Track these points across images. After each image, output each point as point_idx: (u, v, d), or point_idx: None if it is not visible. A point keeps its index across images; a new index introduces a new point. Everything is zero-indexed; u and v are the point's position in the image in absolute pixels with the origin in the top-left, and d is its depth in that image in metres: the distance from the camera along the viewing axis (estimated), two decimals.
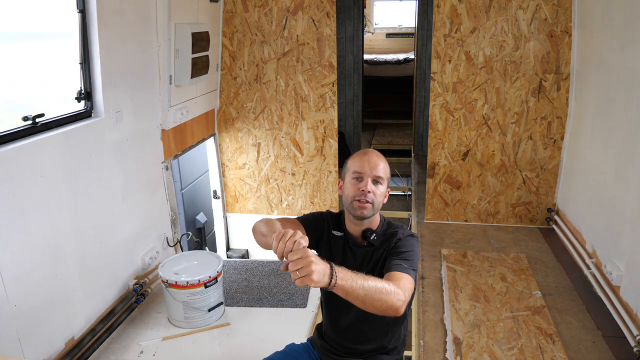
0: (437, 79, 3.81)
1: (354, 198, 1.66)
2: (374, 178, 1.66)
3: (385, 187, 1.70)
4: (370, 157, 1.69)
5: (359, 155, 1.71)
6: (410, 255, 1.63)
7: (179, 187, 3.84)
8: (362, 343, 1.78)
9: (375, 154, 1.71)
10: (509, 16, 3.60)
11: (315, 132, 4.10)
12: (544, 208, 3.94)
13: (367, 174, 1.66)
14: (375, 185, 1.67)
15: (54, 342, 2.26)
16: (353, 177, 1.68)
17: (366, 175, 1.66)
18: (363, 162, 1.67)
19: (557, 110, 3.72)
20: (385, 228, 1.77)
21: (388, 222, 1.80)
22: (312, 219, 1.85)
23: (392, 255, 1.63)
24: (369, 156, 1.69)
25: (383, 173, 1.68)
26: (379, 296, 1.40)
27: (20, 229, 2.06)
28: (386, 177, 1.70)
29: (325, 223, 1.83)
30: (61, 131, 2.28)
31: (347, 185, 1.69)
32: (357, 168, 1.67)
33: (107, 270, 2.64)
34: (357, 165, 1.68)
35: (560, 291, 3.04)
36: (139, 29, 2.83)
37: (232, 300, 2.89)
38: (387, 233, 1.74)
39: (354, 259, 1.74)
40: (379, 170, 1.67)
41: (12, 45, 2.35)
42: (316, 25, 3.86)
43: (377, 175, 1.66)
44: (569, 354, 2.46)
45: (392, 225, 1.78)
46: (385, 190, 1.70)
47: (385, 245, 1.70)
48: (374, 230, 1.72)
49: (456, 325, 2.71)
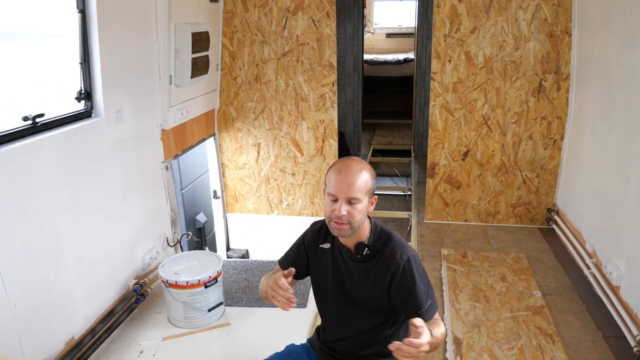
0: (437, 79, 3.81)
1: (330, 219, 1.59)
2: (348, 199, 1.55)
3: (365, 202, 1.58)
4: (344, 176, 1.55)
5: (334, 173, 1.58)
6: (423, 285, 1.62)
7: (179, 187, 3.84)
8: (362, 348, 1.78)
9: (350, 171, 1.56)
10: (509, 16, 3.60)
11: (315, 132, 4.11)
12: (544, 208, 3.94)
13: (341, 196, 1.55)
14: (352, 205, 1.55)
15: (54, 342, 2.26)
16: (328, 197, 1.58)
17: (340, 198, 1.55)
18: (337, 183, 1.55)
19: (557, 110, 3.72)
20: (377, 237, 1.68)
21: (380, 230, 1.70)
22: (293, 251, 1.84)
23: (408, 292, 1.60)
24: (342, 175, 1.56)
25: (359, 192, 1.55)
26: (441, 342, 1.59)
27: (20, 229, 2.06)
28: (365, 192, 1.57)
29: (309, 243, 1.79)
30: (61, 131, 2.28)
31: (325, 203, 1.61)
32: (331, 189, 1.56)
33: (107, 270, 2.64)
34: (331, 186, 1.57)
35: (560, 291, 3.04)
36: (139, 29, 2.83)
37: (232, 300, 2.89)
38: (382, 246, 1.66)
39: (349, 272, 1.70)
40: (354, 191, 1.54)
41: (12, 45, 2.34)
42: (316, 25, 3.86)
43: (352, 197, 1.54)
44: (569, 354, 2.46)
45: (384, 235, 1.69)
46: (366, 205, 1.59)
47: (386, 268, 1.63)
48: (366, 243, 1.66)
49: (456, 325, 2.71)
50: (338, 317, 1.79)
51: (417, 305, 1.60)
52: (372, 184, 1.61)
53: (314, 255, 1.79)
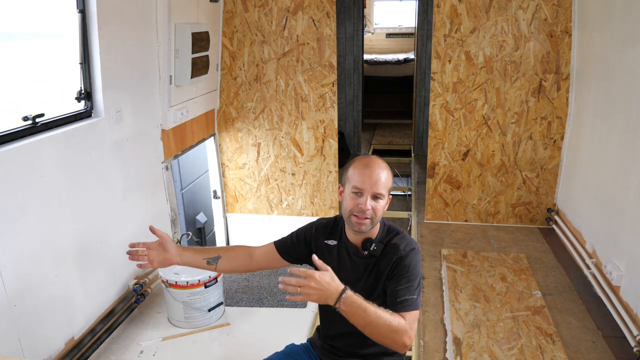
0: (437, 79, 3.81)
1: (352, 213, 1.62)
2: (374, 195, 1.60)
3: (385, 200, 1.64)
4: (372, 171, 1.60)
5: (360, 168, 1.62)
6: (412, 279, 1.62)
7: (179, 187, 3.84)
8: (363, 347, 1.78)
9: (377, 167, 1.62)
10: (509, 16, 3.60)
11: (315, 132, 4.11)
12: (544, 208, 3.94)
13: (367, 190, 1.59)
14: (376, 201, 1.60)
15: (54, 342, 2.26)
16: (352, 190, 1.61)
17: (366, 192, 1.59)
18: (364, 178, 1.59)
19: (557, 110, 3.72)
20: (385, 234, 1.72)
21: (388, 228, 1.75)
22: (293, 237, 1.85)
23: (396, 281, 1.61)
24: (370, 170, 1.60)
25: (384, 188, 1.61)
26: (384, 332, 1.48)
27: (20, 229, 2.06)
28: (387, 190, 1.63)
29: (314, 235, 1.81)
30: (61, 131, 2.28)
31: (347, 197, 1.64)
32: (357, 183, 1.60)
33: (107, 270, 2.64)
34: (357, 180, 1.60)
35: (560, 291, 3.04)
36: (139, 29, 2.83)
37: (232, 300, 2.89)
38: (388, 242, 1.70)
39: (355, 268, 1.71)
40: (380, 187, 1.59)
41: (12, 45, 2.34)
42: (316, 25, 3.86)
43: (378, 192, 1.59)
44: (569, 354, 2.47)
45: (392, 231, 1.73)
46: (385, 203, 1.64)
47: (388, 259, 1.66)
48: (374, 239, 1.68)
49: (456, 325, 2.71)
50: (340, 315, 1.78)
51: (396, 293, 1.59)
52: (392, 182, 1.67)
53: (318, 250, 1.79)
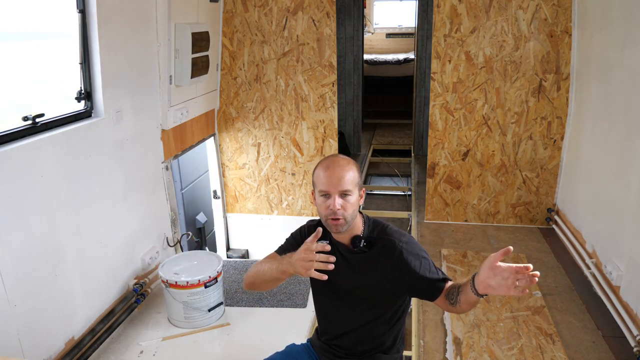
0: (437, 79, 3.81)
1: (327, 217, 1.62)
2: (340, 193, 1.59)
3: (355, 195, 1.63)
4: (332, 171, 1.60)
5: (322, 170, 1.62)
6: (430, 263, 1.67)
7: (179, 187, 3.84)
8: (360, 344, 1.78)
9: (338, 166, 1.61)
10: (509, 16, 3.60)
11: (315, 132, 4.11)
12: (544, 208, 3.94)
13: (333, 190, 1.59)
14: (344, 199, 1.60)
15: (54, 342, 2.26)
16: (320, 194, 1.62)
17: (332, 192, 1.59)
18: (327, 179, 1.60)
19: (557, 110, 3.72)
20: (372, 229, 1.72)
21: (373, 222, 1.74)
22: (291, 242, 1.85)
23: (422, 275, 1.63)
24: (331, 170, 1.60)
25: (350, 184, 1.60)
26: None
27: (20, 229, 2.06)
28: (355, 184, 1.62)
29: (305, 237, 1.79)
30: (61, 131, 2.28)
31: (318, 202, 1.64)
32: (322, 186, 1.60)
33: (107, 270, 2.64)
34: (322, 183, 1.61)
35: (560, 291, 3.04)
36: (139, 29, 2.83)
37: (232, 300, 2.89)
38: (379, 236, 1.69)
39: (349, 265, 1.72)
40: (344, 184, 1.59)
41: (12, 45, 2.35)
42: (316, 25, 3.86)
43: (343, 190, 1.59)
44: (569, 354, 2.47)
45: (378, 225, 1.73)
46: (357, 197, 1.64)
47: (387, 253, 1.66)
48: (361, 236, 1.69)
49: (456, 325, 2.71)
50: (336, 313, 1.80)
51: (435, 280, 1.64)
52: (360, 177, 1.67)
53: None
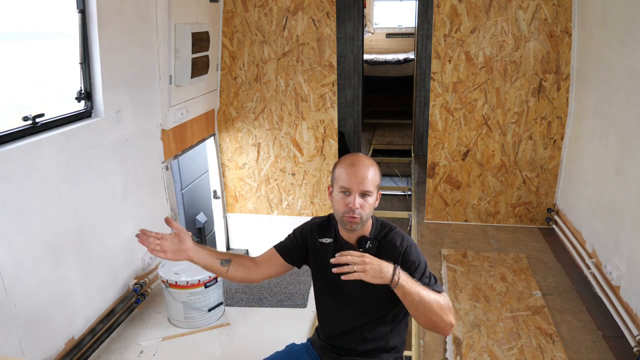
0: (437, 79, 3.81)
1: (344, 214, 1.63)
2: (361, 192, 1.61)
3: (374, 196, 1.65)
4: (357, 169, 1.61)
5: (346, 167, 1.63)
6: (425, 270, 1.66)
7: (179, 187, 3.84)
8: (362, 343, 1.78)
9: (362, 165, 1.62)
10: (509, 16, 3.60)
11: (315, 132, 4.11)
12: (544, 208, 3.94)
13: (355, 189, 1.60)
14: (364, 199, 1.61)
15: (54, 342, 2.26)
16: (340, 190, 1.63)
17: (354, 191, 1.60)
18: (350, 177, 1.60)
19: (557, 110, 3.72)
20: (379, 230, 1.73)
21: (381, 223, 1.75)
22: (291, 238, 1.87)
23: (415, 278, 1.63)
24: (356, 169, 1.61)
25: (371, 185, 1.61)
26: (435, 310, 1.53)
27: (20, 229, 2.06)
28: (375, 186, 1.64)
29: (309, 234, 1.82)
30: (61, 131, 2.28)
31: (336, 198, 1.65)
32: (344, 183, 1.61)
33: (107, 270, 2.64)
34: (344, 180, 1.62)
35: (560, 291, 3.04)
36: (139, 29, 2.83)
37: (232, 300, 2.89)
38: (383, 237, 1.71)
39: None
40: (367, 184, 1.60)
41: (12, 45, 2.35)
42: (316, 25, 3.86)
43: (365, 190, 1.60)
44: (569, 354, 2.47)
45: (385, 227, 1.74)
46: (374, 199, 1.65)
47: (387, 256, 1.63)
48: (368, 236, 1.70)
49: (456, 325, 2.70)
50: (338, 313, 1.80)
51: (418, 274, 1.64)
52: (380, 179, 1.67)
53: (314, 249, 1.80)
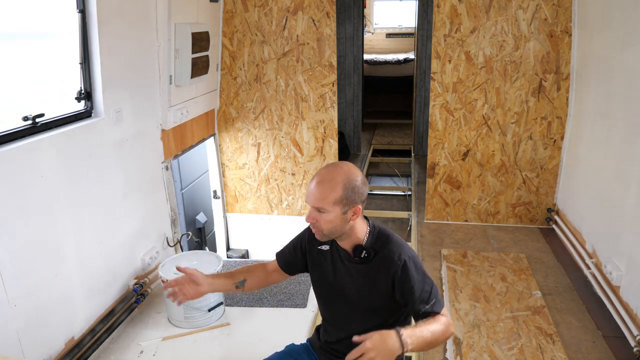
0: (437, 79, 3.81)
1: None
2: (314, 208, 1.60)
3: (334, 213, 1.57)
4: (314, 184, 1.59)
5: (310, 181, 1.63)
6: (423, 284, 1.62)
7: (179, 187, 3.84)
8: None
9: (320, 181, 1.58)
10: (509, 16, 3.60)
11: (315, 132, 4.11)
12: (544, 208, 3.94)
13: (310, 203, 1.61)
14: (320, 213, 1.59)
15: (54, 342, 2.26)
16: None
17: (309, 204, 1.61)
18: (307, 191, 1.62)
19: (557, 110, 3.72)
20: (375, 240, 1.68)
21: (378, 232, 1.70)
22: (290, 247, 1.88)
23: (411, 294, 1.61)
24: (313, 183, 1.60)
25: (322, 202, 1.56)
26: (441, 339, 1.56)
27: (20, 229, 2.06)
28: (333, 203, 1.56)
29: (305, 243, 1.82)
30: (61, 131, 2.28)
31: None
32: (305, 197, 1.65)
33: (107, 270, 2.64)
34: (306, 194, 1.65)
35: (560, 291, 3.04)
36: (139, 29, 2.83)
37: (232, 300, 2.89)
38: (380, 247, 1.67)
39: (349, 273, 1.72)
40: (315, 201, 1.58)
41: (12, 45, 2.35)
42: (316, 25, 3.86)
43: (315, 206, 1.59)
44: (569, 354, 2.46)
45: (382, 237, 1.69)
46: (336, 216, 1.58)
47: (385, 269, 1.64)
48: (364, 246, 1.67)
49: (456, 325, 2.71)
50: (337, 318, 1.81)
51: (417, 306, 1.61)
52: (348, 194, 1.57)
53: (312, 256, 1.80)
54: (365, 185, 1.63)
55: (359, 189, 1.59)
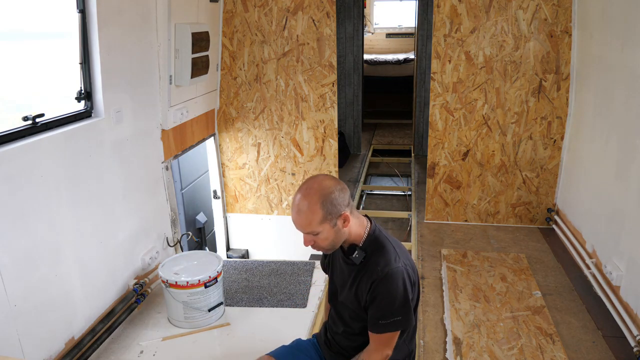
0: (437, 79, 3.81)
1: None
2: (307, 233, 1.62)
3: (326, 229, 1.58)
4: (296, 217, 1.60)
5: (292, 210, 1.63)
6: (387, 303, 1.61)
7: (179, 187, 3.84)
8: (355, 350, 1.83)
9: (297, 211, 1.59)
10: (509, 16, 3.60)
11: (315, 132, 4.11)
12: (544, 208, 3.94)
13: (300, 231, 1.63)
14: (314, 236, 1.61)
15: (54, 342, 2.26)
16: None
17: (301, 232, 1.63)
18: (294, 222, 1.62)
19: (557, 110, 3.72)
20: (370, 243, 1.68)
21: (375, 238, 1.68)
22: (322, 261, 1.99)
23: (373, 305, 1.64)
24: (294, 214, 1.60)
25: (312, 226, 1.57)
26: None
27: (20, 229, 2.06)
28: (319, 222, 1.57)
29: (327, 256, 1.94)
30: (61, 131, 2.28)
31: None
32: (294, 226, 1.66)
33: (107, 270, 2.64)
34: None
35: (560, 291, 3.04)
36: (139, 29, 2.83)
37: (232, 300, 2.89)
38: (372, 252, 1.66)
39: (342, 273, 1.78)
40: (304, 228, 1.59)
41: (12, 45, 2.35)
42: (316, 25, 3.86)
43: (306, 232, 1.61)
44: (569, 354, 2.47)
45: (377, 242, 1.67)
46: (329, 230, 1.59)
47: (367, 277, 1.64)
48: (359, 246, 1.68)
49: (456, 325, 2.71)
50: (335, 316, 1.87)
51: (372, 320, 1.66)
52: (328, 209, 1.56)
53: (328, 255, 1.91)
54: (343, 190, 1.61)
55: (337, 199, 1.57)
